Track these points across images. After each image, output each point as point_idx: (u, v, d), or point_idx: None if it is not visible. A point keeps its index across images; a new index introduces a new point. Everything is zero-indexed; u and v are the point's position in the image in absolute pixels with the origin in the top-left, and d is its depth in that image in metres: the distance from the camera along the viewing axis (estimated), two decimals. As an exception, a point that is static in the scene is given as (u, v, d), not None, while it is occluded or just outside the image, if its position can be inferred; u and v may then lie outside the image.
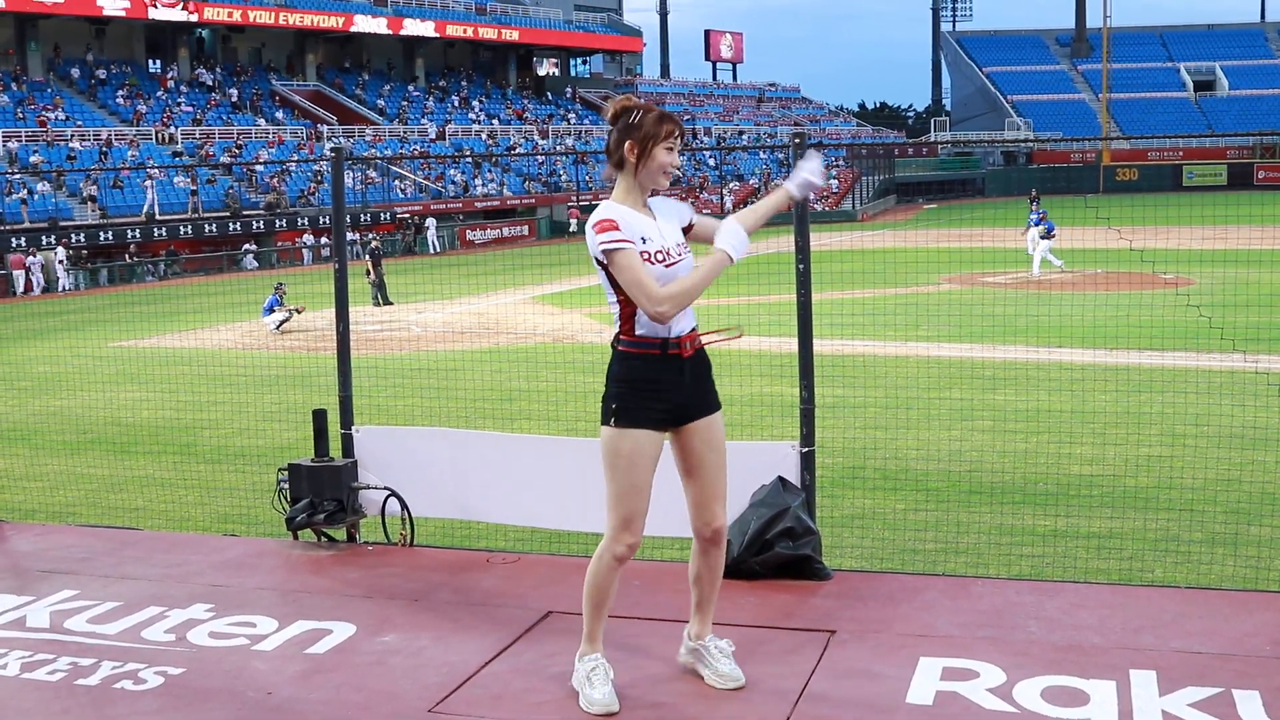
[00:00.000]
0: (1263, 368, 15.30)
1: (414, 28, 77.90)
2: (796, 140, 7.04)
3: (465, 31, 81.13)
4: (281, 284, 28.55)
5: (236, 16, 68.49)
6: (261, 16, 69.95)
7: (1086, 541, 9.26)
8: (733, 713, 5.10)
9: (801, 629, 5.98)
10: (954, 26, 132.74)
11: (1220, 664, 5.44)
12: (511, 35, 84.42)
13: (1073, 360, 17.85)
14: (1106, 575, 8.36)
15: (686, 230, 5.20)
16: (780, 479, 6.93)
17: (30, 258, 44.61)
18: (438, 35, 79.58)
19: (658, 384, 5.02)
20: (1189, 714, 4.97)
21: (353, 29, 74.73)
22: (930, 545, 9.22)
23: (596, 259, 4.99)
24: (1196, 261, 28.93)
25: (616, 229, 4.90)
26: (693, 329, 5.08)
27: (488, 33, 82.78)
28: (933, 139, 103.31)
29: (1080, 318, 21.41)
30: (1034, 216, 33.67)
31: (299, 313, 27.36)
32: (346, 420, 7.98)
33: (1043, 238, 32.79)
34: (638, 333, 5.02)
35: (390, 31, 76.74)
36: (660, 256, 4.95)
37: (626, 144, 5.03)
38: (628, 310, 5.02)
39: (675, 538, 7.08)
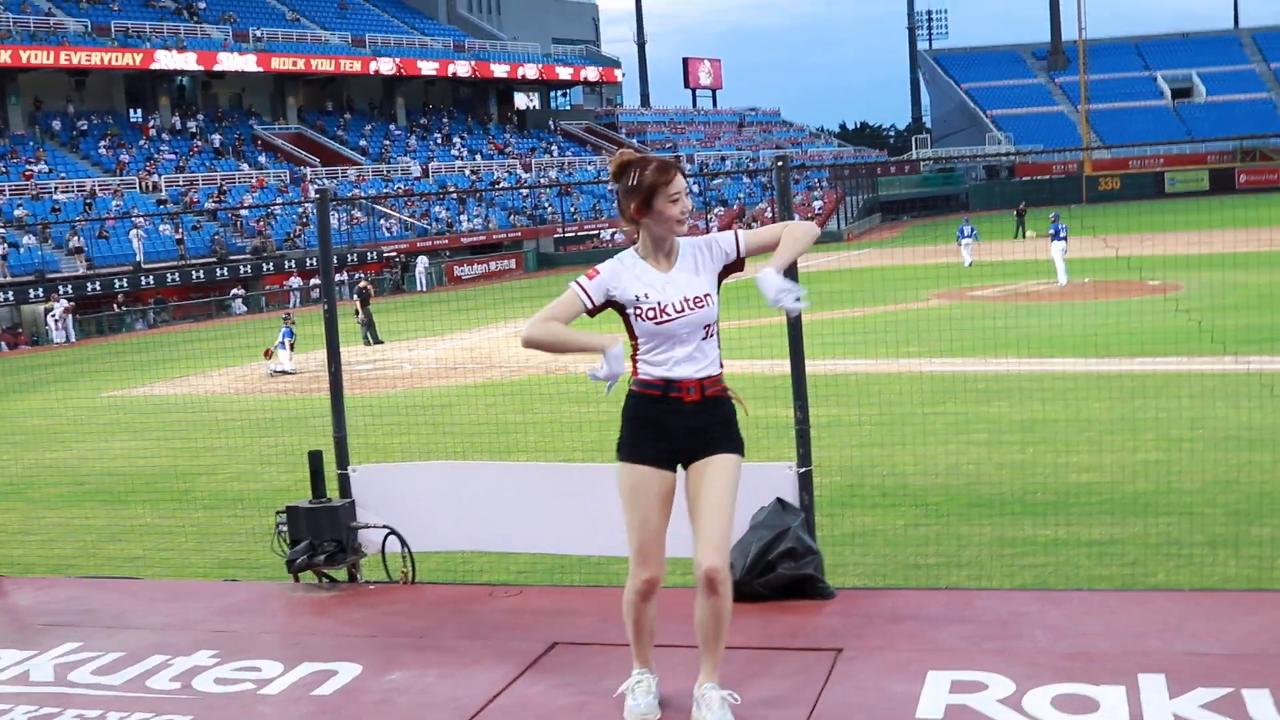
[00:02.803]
0: (1254, 368, 15.33)
1: (393, 67, 78.07)
2: (779, 164, 7.06)
3: (445, 69, 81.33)
4: (289, 314, 28.54)
5: (214, 64, 68.61)
6: (239, 62, 70.09)
7: (1088, 549, 9.25)
8: (743, 735, 5.08)
9: (808, 648, 5.96)
10: (930, 45, 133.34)
11: (1228, 664, 5.43)
12: (491, 71, 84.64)
13: (1065, 370, 17.88)
14: (1110, 582, 8.36)
15: (735, 265, 5.20)
16: (779, 500, 6.93)
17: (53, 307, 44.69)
18: (417, 74, 79.76)
19: (659, 424, 5.11)
20: (1200, 715, 4.97)
21: (334, 70, 74.88)
22: (932, 560, 9.21)
23: None
24: (1183, 266, 29.03)
25: (589, 276, 5.09)
26: (708, 376, 5.12)
27: (468, 69, 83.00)
28: (914, 156, 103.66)
29: (1070, 327, 21.47)
30: (1054, 229, 33.82)
31: (267, 356, 27.26)
32: (342, 460, 7.97)
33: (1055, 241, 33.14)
34: (640, 374, 5.13)
35: (370, 72, 76.89)
36: (651, 314, 5.04)
37: (631, 205, 5.09)
38: (635, 353, 5.15)
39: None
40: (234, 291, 52.80)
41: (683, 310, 5.06)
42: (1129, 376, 16.99)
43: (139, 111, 68.84)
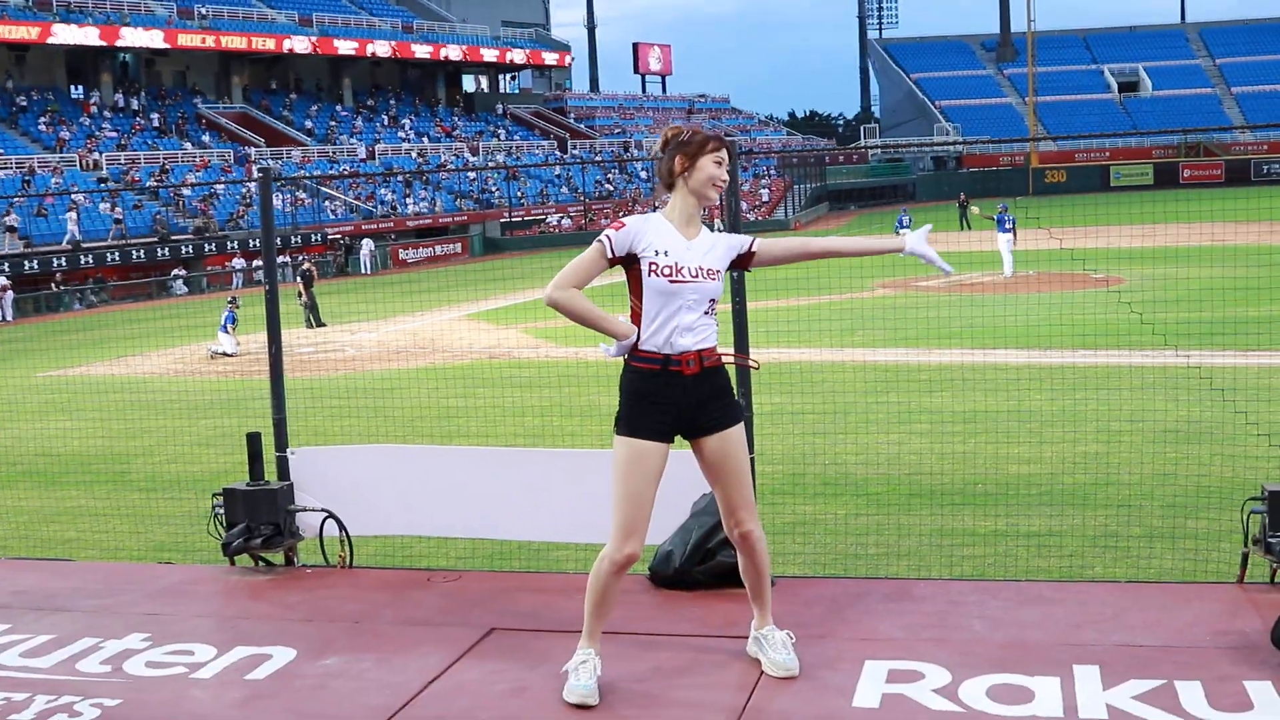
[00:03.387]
0: (1195, 363, 15.50)
1: (341, 47, 77.54)
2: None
3: (392, 50, 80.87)
4: (235, 298, 28.31)
5: (159, 41, 67.91)
6: (184, 40, 69.43)
7: (1027, 540, 9.32)
8: (680, 723, 5.09)
9: (746, 637, 5.97)
10: (880, 34, 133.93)
11: (1162, 656, 5.49)
12: (439, 53, 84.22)
13: (1008, 361, 18.00)
14: (1047, 573, 8.43)
15: (746, 258, 5.41)
16: (721, 487, 6.93)
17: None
18: (365, 55, 79.26)
19: (658, 398, 5.24)
20: (1133, 707, 5.02)
21: (280, 50, 74.29)
22: (872, 550, 9.26)
23: None
24: (1126, 259, 29.30)
25: (615, 228, 5.23)
26: (706, 348, 5.27)
27: (416, 50, 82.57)
28: (863, 145, 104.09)
29: (1014, 319, 21.60)
30: (1000, 219, 33.98)
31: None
32: (281, 443, 7.92)
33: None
34: (641, 347, 5.24)
35: (317, 52, 76.35)
36: (667, 271, 5.20)
37: (677, 158, 5.31)
38: (636, 318, 5.28)
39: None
40: (175, 272, 52.30)
41: (696, 276, 5.23)
42: (1071, 369, 17.13)
43: (80, 88, 68.03)
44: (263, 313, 8.03)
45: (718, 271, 5.29)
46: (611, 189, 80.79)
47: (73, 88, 67.96)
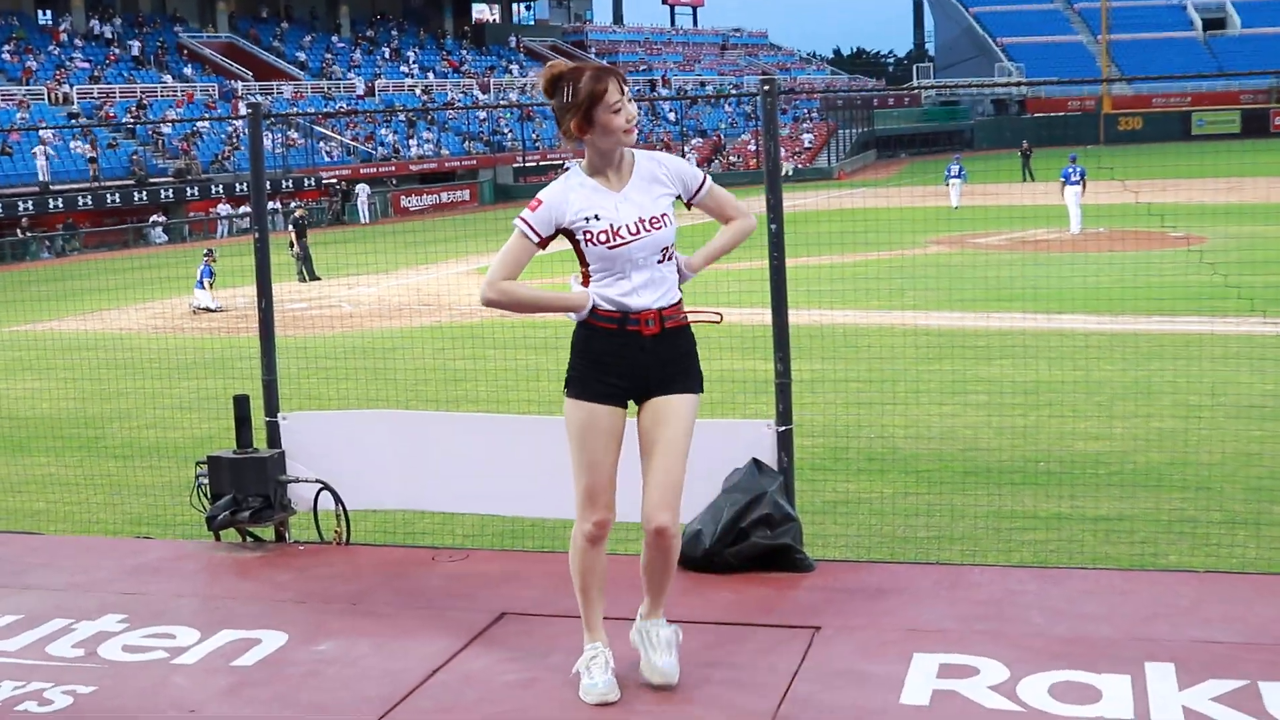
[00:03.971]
0: (1283, 331, 15.42)
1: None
2: (766, 88, 7.03)
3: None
4: (211, 250, 28.39)
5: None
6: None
7: (1093, 525, 9.32)
8: (708, 717, 5.11)
9: (783, 625, 5.99)
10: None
11: (1244, 654, 5.48)
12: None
13: (1075, 327, 17.95)
14: (1116, 561, 8.42)
15: (693, 196, 5.30)
16: (755, 461, 6.94)
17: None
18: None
19: (613, 358, 5.17)
20: (1211, 709, 5.00)
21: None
22: (922, 533, 9.27)
23: None
24: (1209, 216, 29.15)
25: (531, 208, 5.16)
26: (668, 305, 5.19)
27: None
28: (915, 86, 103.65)
29: (1083, 280, 21.55)
30: (1068, 171, 33.83)
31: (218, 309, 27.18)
32: (271, 407, 7.94)
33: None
34: (595, 305, 5.16)
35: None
36: (603, 237, 5.09)
37: (571, 121, 5.11)
38: (586, 279, 5.20)
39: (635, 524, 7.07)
40: (154, 218, 52.43)
41: (638, 232, 5.11)
42: (1145, 337, 17.08)
43: (49, 13, 68.08)
44: (250, 264, 8.03)
45: (663, 215, 5.16)
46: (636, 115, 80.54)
47: (40, 12, 68.02)
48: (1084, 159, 35.62)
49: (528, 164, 72.02)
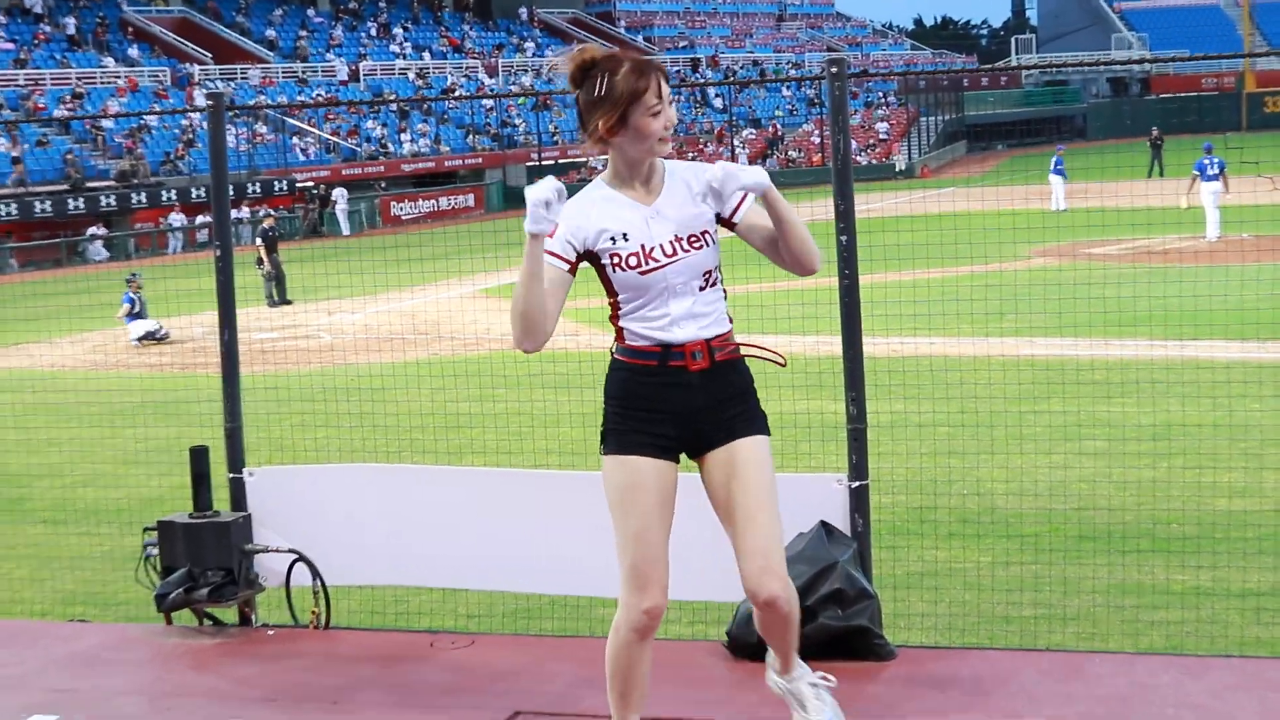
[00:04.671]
0: None
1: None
2: (833, 70, 7.02)
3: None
4: (135, 274, 28.51)
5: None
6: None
7: (1240, 602, 9.25)
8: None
9: (859, 728, 5.96)
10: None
11: None
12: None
13: (1214, 357, 17.86)
14: (1270, 647, 8.36)
15: (730, 217, 5.20)
16: (823, 525, 6.91)
17: None
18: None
19: (656, 402, 5.13)
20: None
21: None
22: (1028, 611, 9.22)
23: None
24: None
25: (549, 235, 4.99)
26: (716, 335, 5.15)
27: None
28: (1014, 63, 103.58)
29: (1223, 299, 21.43)
30: (1203, 165, 33.72)
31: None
32: (236, 461, 7.95)
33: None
34: (628, 340, 5.14)
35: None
36: (633, 261, 5.06)
37: (600, 121, 5.07)
38: (616, 311, 5.16)
39: (678, 601, 7.05)
40: (92, 230, 52.67)
41: (674, 254, 5.08)
42: (1299, 368, 16.97)
43: (-33, -16, 68.75)
44: (210, 286, 8.05)
45: (703, 233, 5.13)
46: (676, 121, 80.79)
47: (-42, -15, 68.64)
48: (1222, 149, 35.52)
49: (544, 162, 72.24)
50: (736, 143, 76.19)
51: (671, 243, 5.08)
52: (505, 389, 17.60)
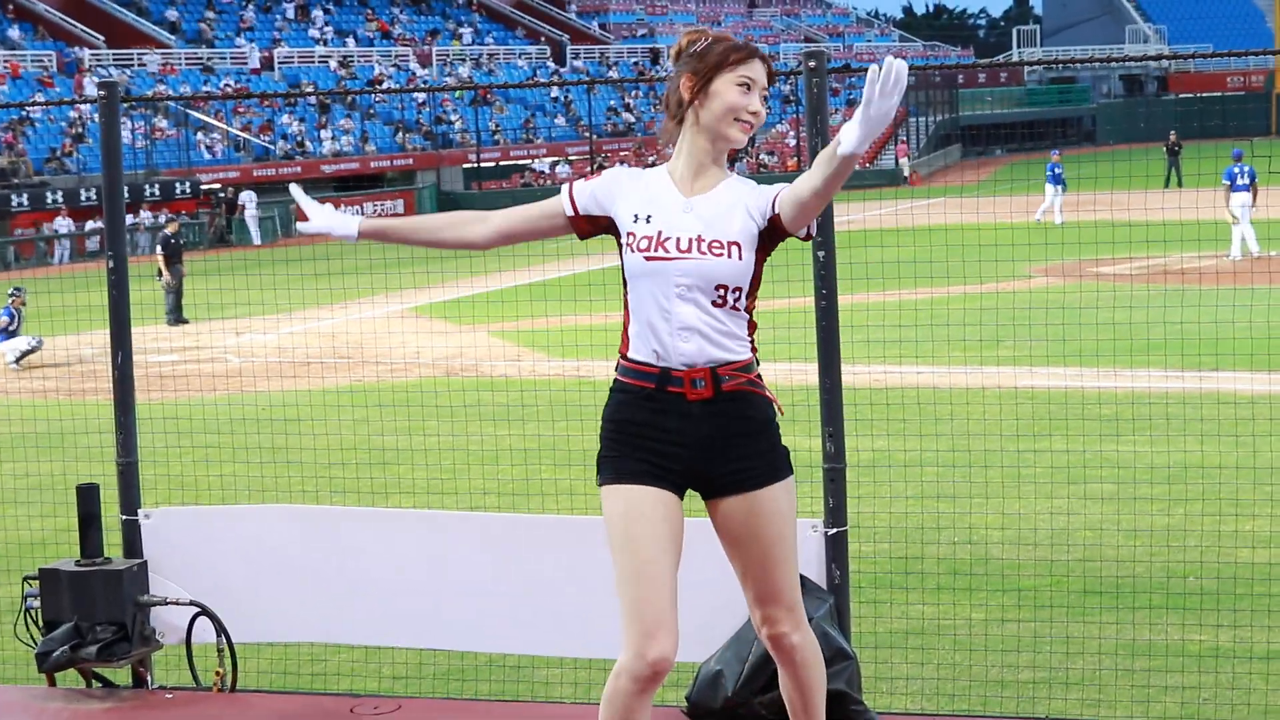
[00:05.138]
0: None
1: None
2: (811, 64, 7.07)
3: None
4: (19, 289, 28.40)
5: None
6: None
7: (1265, 665, 9.30)
8: None
9: (834, 805, 5.99)
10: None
11: None
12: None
13: (1238, 390, 17.95)
14: (1295, 715, 8.40)
15: (775, 220, 5.25)
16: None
17: None
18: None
19: (653, 429, 5.23)
20: None
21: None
22: (1026, 674, 9.25)
23: None
24: None
25: (587, 177, 5.34)
26: (725, 362, 5.23)
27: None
28: (1015, 58, 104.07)
29: (1248, 325, 21.55)
30: (1236, 172, 33.86)
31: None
32: (130, 500, 7.93)
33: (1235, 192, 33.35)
34: (630, 354, 5.27)
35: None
36: (644, 243, 5.20)
37: (683, 79, 5.29)
38: (626, 311, 5.29)
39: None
40: (-33, 237, 52.55)
41: (689, 249, 5.19)
42: (1333, 403, 17.06)
43: None
44: (100, 301, 8.04)
45: (732, 244, 5.22)
46: (633, 119, 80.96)
47: None
48: (1249, 157, 35.65)
49: (483, 164, 72.22)
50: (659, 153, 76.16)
51: (692, 240, 5.20)
52: (437, 421, 17.58)
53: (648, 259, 5.17)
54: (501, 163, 72.78)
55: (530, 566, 7.42)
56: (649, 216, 5.21)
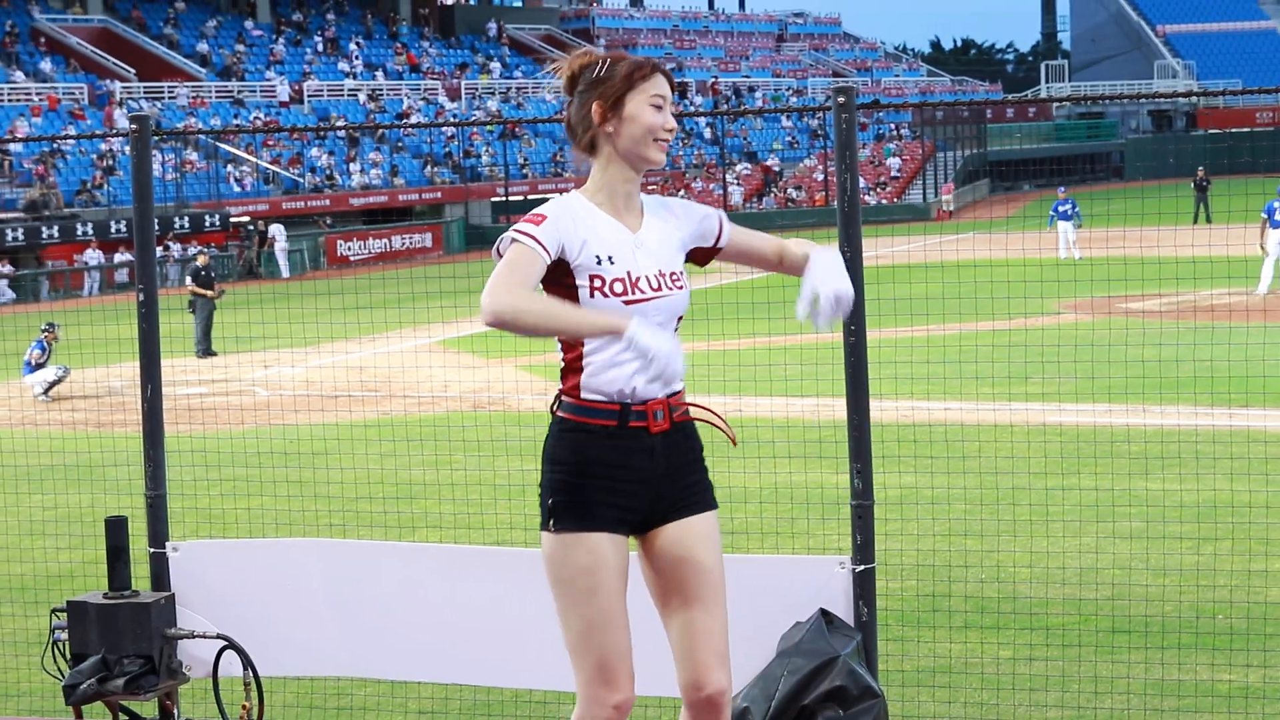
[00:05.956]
0: None
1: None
2: (840, 99, 7.06)
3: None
4: (52, 324, 28.47)
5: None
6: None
7: (1294, 704, 9.26)
8: None
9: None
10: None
11: None
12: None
13: (1269, 428, 17.91)
14: (1326, 756, 8.37)
15: (712, 250, 5.32)
16: (823, 613, 6.93)
17: None
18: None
19: (617, 469, 5.13)
20: None
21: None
22: (1054, 713, 9.22)
23: None
24: None
25: (535, 222, 5.06)
26: (674, 393, 5.19)
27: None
28: (1044, 93, 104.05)
29: (1278, 361, 21.52)
30: (1276, 207, 33.81)
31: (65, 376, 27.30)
32: (158, 533, 7.94)
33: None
34: (585, 395, 5.14)
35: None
36: (618, 287, 5.08)
37: (593, 105, 5.15)
38: (572, 355, 5.15)
39: (662, 697, 7.05)
40: (-3, 269, 52.70)
41: (659, 288, 5.14)
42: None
43: None
44: (131, 334, 8.04)
45: (681, 274, 5.22)
46: (675, 129, 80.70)
47: None
48: (1276, 194, 35.60)
49: (511, 198, 72.30)
50: (729, 178, 76.32)
51: (657, 276, 5.15)
52: (464, 455, 17.60)
53: (627, 303, 5.07)
54: (529, 196, 72.79)
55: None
56: (610, 258, 5.08)
